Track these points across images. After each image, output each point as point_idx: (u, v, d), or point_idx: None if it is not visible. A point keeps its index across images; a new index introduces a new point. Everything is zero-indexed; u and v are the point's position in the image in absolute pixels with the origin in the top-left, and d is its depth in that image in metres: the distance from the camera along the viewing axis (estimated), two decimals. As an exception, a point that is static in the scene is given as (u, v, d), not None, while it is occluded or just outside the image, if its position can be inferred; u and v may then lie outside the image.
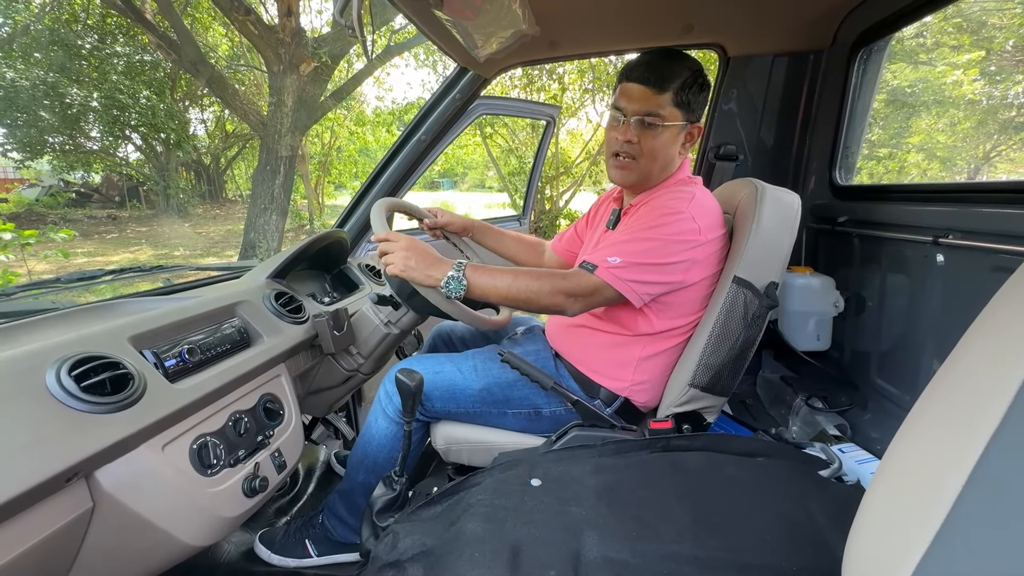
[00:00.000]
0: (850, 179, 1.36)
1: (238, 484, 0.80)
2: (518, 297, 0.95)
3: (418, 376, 0.98)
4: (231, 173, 16.16)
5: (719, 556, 0.74)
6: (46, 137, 11.01)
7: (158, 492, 0.69)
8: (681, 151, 1.05)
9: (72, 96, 10.11)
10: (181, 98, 12.49)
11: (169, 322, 0.83)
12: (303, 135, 7.52)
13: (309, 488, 1.56)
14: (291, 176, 6.63)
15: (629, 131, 1.00)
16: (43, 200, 13.34)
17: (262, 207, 6.20)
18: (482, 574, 0.70)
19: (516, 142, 9.09)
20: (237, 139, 14.33)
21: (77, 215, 12.62)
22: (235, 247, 9.73)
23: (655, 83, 0.98)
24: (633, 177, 1.05)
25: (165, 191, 12.93)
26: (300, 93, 6.18)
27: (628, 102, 1.00)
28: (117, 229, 11.67)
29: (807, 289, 1.30)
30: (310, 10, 10.28)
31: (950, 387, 0.48)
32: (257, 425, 0.88)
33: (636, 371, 1.10)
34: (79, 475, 0.62)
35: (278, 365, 1.01)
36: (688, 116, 1.01)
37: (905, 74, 5.38)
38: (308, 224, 11.65)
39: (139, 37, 10.38)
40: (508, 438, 1.14)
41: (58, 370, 0.64)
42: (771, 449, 1.08)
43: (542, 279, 0.95)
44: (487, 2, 1.04)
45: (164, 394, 0.73)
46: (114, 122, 10.87)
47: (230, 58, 11.36)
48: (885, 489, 0.51)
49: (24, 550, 0.57)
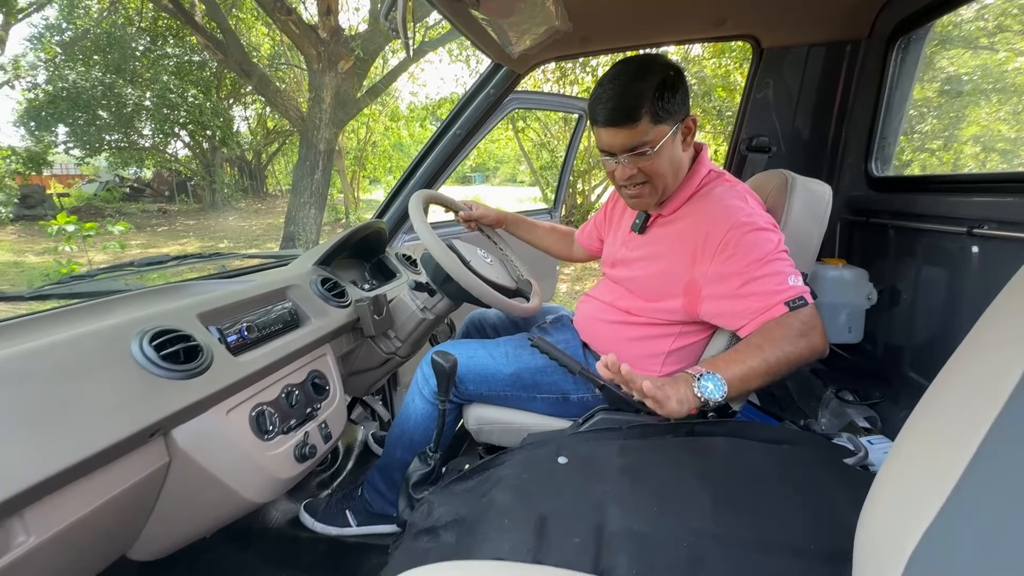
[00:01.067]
0: (886, 170, 1.34)
1: (290, 450, 0.88)
2: (772, 370, 0.86)
3: (452, 358, 1.04)
4: (272, 168, 16.74)
5: (739, 534, 0.77)
6: (104, 135, 11.66)
7: (224, 452, 0.78)
8: (685, 148, 1.03)
9: (127, 96, 10.66)
10: (226, 96, 13.02)
11: (231, 302, 0.91)
12: (340, 131, 7.74)
13: (348, 465, 1.65)
14: (329, 171, 6.84)
15: (626, 168, 0.99)
16: (101, 195, 14.16)
17: (302, 201, 6.43)
18: (511, 539, 0.76)
19: (548, 136, 9.08)
20: (277, 135, 14.82)
21: (131, 209, 13.34)
22: (275, 240, 10.10)
23: (624, 119, 0.94)
24: (653, 199, 1.05)
25: (211, 186, 13.54)
26: (338, 90, 6.37)
27: (611, 143, 0.98)
28: (167, 222, 12.27)
29: (839, 281, 1.29)
30: (347, 7, 10.51)
31: (961, 370, 0.50)
32: (306, 398, 0.96)
33: (665, 363, 1.12)
34: (159, 432, 0.71)
35: (324, 345, 1.08)
36: (673, 120, 0.97)
37: (964, 60, 5.09)
38: (344, 218, 11.96)
39: (188, 38, 10.87)
40: (537, 420, 1.19)
41: (141, 340, 0.72)
42: (796, 437, 1.09)
43: (779, 337, 0.86)
44: (522, 0, 1.08)
45: (228, 365, 0.81)
46: (165, 120, 11.43)
47: (272, 57, 11.75)
48: (897, 466, 0.54)
49: (113, 495, 0.66)
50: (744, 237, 0.92)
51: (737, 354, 0.86)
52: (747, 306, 0.91)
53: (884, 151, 1.33)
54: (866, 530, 0.54)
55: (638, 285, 1.11)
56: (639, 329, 1.11)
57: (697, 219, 1.01)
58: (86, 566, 0.72)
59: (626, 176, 1.00)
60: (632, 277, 1.13)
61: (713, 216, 0.98)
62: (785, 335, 0.86)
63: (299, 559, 1.21)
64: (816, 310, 0.88)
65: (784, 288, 0.88)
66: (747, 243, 0.92)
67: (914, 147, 5.95)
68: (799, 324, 0.86)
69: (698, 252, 0.99)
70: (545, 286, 2.73)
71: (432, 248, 1.12)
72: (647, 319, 1.10)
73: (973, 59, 4.34)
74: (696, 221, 1.01)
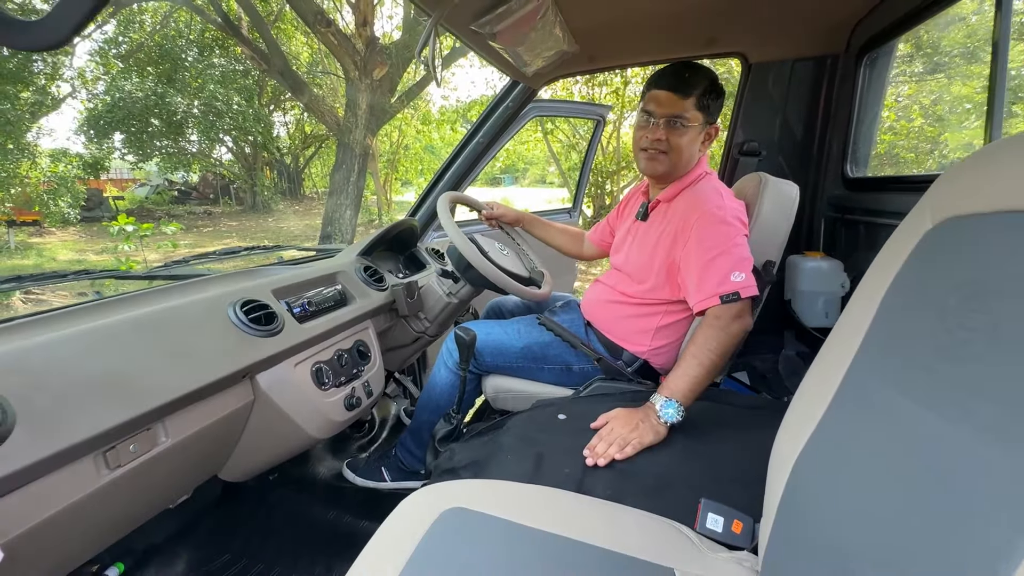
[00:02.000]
0: (860, 172, 1.47)
1: (341, 399, 1.10)
2: (714, 364, 1.04)
3: (472, 333, 1.25)
4: (308, 172, 17.39)
5: (698, 469, 0.95)
6: (155, 141, 12.38)
7: (292, 395, 1.00)
8: (701, 148, 1.22)
9: (176, 104, 11.30)
10: (267, 103, 13.64)
11: (295, 282, 1.14)
12: (375, 135, 8.09)
13: (383, 434, 1.88)
14: (364, 174, 7.19)
15: (659, 131, 1.19)
16: (151, 198, 15.02)
17: (339, 203, 6.80)
18: (513, 470, 0.95)
19: (576, 137, 9.22)
20: (314, 140, 15.41)
21: (179, 211, 14.10)
22: (312, 239, 10.54)
23: (681, 90, 1.16)
24: (662, 168, 1.23)
25: (252, 189, 14.20)
26: (373, 96, 6.70)
27: (657, 106, 1.18)
28: (212, 223, 12.95)
29: (817, 271, 1.43)
30: (382, 15, 10.90)
31: (840, 324, 0.67)
32: (353, 361, 1.18)
33: (654, 338, 1.30)
34: (248, 375, 0.93)
35: (366, 321, 1.31)
36: (708, 118, 1.19)
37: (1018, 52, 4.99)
38: (377, 219, 12.37)
39: (232, 49, 11.48)
40: (544, 389, 1.38)
41: (234, 307, 0.95)
42: (769, 404, 1.25)
43: (708, 337, 1.06)
44: (533, 30, 1.28)
45: (296, 330, 1.03)
46: (211, 127, 12.04)
47: (310, 64, 12.27)
48: (794, 404, 0.71)
49: (218, 418, 0.89)
50: (708, 226, 1.11)
51: (680, 369, 1.06)
52: (697, 289, 1.11)
53: (858, 154, 1.46)
54: (775, 450, 0.71)
55: (633, 268, 1.29)
56: (632, 308, 1.30)
57: (684, 207, 1.20)
58: (193, 475, 0.96)
59: (655, 137, 1.19)
60: (629, 261, 1.32)
61: (695, 203, 1.17)
62: (716, 324, 1.07)
63: (342, 502, 1.44)
64: (748, 299, 1.07)
65: (725, 283, 1.07)
66: (709, 231, 1.11)
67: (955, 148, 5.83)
68: (730, 314, 1.07)
69: (679, 233, 1.17)
70: (565, 281, 2.91)
71: (457, 241, 1.32)
72: (639, 300, 1.28)
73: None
74: (684, 207, 1.20)
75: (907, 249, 0.58)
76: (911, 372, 0.50)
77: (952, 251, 0.51)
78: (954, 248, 0.51)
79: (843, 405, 0.61)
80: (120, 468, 0.72)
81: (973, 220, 0.50)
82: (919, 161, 5.25)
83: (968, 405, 0.42)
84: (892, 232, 0.63)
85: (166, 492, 0.93)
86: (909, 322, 0.54)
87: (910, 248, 0.57)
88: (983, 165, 0.52)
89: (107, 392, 0.70)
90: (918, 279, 0.55)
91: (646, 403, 1.05)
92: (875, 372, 0.56)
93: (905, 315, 0.55)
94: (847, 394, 0.61)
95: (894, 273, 0.59)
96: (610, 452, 0.96)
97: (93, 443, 0.67)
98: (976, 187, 0.51)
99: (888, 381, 0.53)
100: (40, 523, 0.63)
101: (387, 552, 0.70)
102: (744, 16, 1.36)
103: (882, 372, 0.55)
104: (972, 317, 0.45)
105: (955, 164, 0.56)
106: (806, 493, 0.62)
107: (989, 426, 0.39)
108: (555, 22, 1.25)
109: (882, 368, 0.55)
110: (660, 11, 1.34)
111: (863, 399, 0.58)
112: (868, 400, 0.56)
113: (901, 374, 0.52)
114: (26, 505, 0.62)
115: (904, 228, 0.61)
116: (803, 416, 0.67)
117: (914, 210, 0.60)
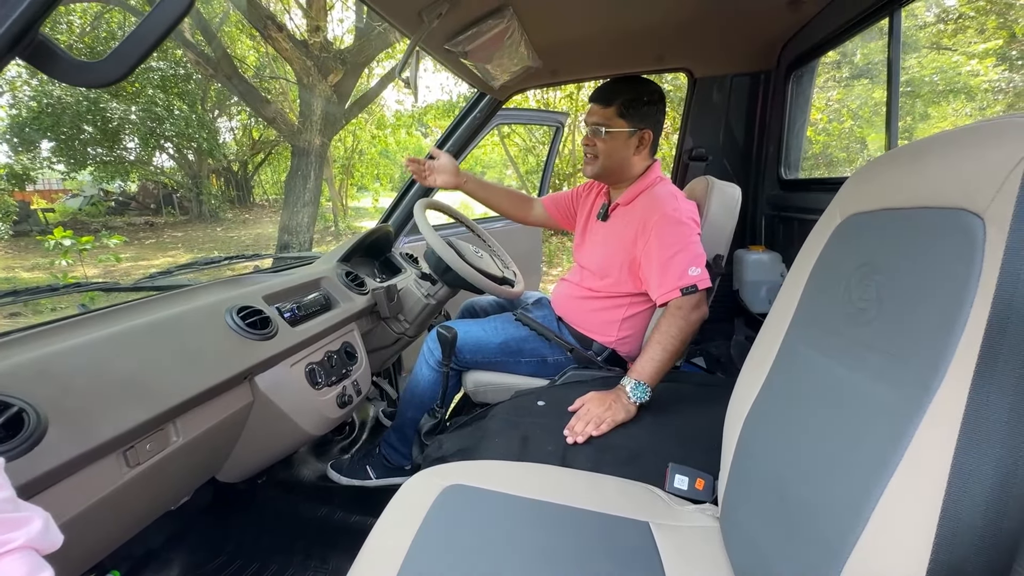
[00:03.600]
0: (792, 174, 1.67)
1: (334, 397, 1.16)
2: (676, 349, 1.17)
3: (454, 330, 1.34)
4: (258, 178, 16.81)
5: (665, 439, 1.08)
6: (88, 150, 11.66)
7: (290, 395, 1.06)
8: (637, 152, 1.34)
9: (112, 110, 10.70)
10: (211, 108, 13.11)
11: (284, 288, 1.19)
12: (330, 141, 7.97)
13: (364, 436, 1.93)
14: (320, 180, 7.08)
15: (587, 138, 1.35)
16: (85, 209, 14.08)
17: (294, 210, 6.67)
18: (501, 451, 1.05)
19: (533, 141, 9.39)
20: (264, 145, 14.92)
21: (117, 222, 13.28)
22: (266, 249, 10.23)
23: (603, 101, 1.31)
24: (592, 170, 1.38)
25: (198, 197, 13.58)
26: (327, 102, 6.62)
27: (588, 116, 1.35)
28: (154, 235, 12.29)
29: (759, 263, 1.62)
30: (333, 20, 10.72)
31: (776, 305, 0.81)
32: (342, 361, 1.24)
33: (620, 328, 1.42)
34: (248, 377, 0.99)
35: (351, 323, 1.37)
36: (635, 124, 1.31)
37: (928, 60, 5.53)
38: (333, 226, 12.12)
39: (173, 52, 10.98)
40: (523, 380, 1.48)
41: (231, 312, 1.00)
42: (723, 382, 1.40)
43: (671, 325, 1.18)
44: (500, 48, 1.38)
45: (289, 333, 1.09)
46: (150, 133, 11.45)
47: (258, 68, 11.90)
48: (744, 369, 0.85)
49: (223, 419, 0.94)
50: (667, 227, 1.24)
51: (646, 355, 1.18)
52: (659, 283, 1.24)
53: (790, 159, 1.66)
54: (728, 415, 0.84)
55: (597, 265, 1.42)
56: (599, 302, 1.42)
57: (643, 209, 1.33)
58: (196, 475, 1.00)
59: (585, 143, 1.36)
60: (593, 259, 1.44)
61: (652, 206, 1.30)
62: (678, 314, 1.20)
63: (331, 500, 1.49)
64: (704, 290, 1.21)
65: (684, 277, 1.20)
66: (668, 232, 1.24)
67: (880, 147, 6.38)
68: (690, 304, 1.20)
69: (639, 234, 1.30)
70: (531, 281, 3.04)
71: (436, 245, 1.40)
72: (605, 293, 1.40)
73: (939, 59, 4.90)
74: (641, 210, 1.32)
75: (822, 241, 0.72)
76: (826, 336, 0.64)
77: (853, 240, 0.65)
78: (855, 237, 0.65)
79: (778, 370, 0.75)
80: (139, 466, 0.77)
81: (867, 216, 0.64)
82: (850, 159, 5.72)
83: (864, 357, 0.55)
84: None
85: (173, 492, 0.96)
86: (824, 298, 0.67)
87: (824, 240, 0.72)
88: (875, 173, 0.66)
89: (127, 394, 0.74)
90: (830, 264, 0.69)
91: (617, 386, 1.17)
92: (800, 339, 0.70)
93: (821, 294, 0.69)
94: (781, 361, 0.74)
95: (813, 261, 0.73)
96: (587, 430, 1.07)
97: (116, 442, 0.72)
98: (868, 190, 0.66)
99: (810, 345, 0.67)
100: (70, 519, 0.68)
101: (396, 529, 0.78)
102: (689, 35, 1.52)
103: (806, 339, 0.69)
104: (866, 290, 0.58)
105: (856, 172, 0.71)
106: (752, 444, 0.75)
107: (878, 371, 0.53)
108: (521, 41, 1.36)
109: (805, 336, 0.69)
110: (614, 30, 1.47)
111: (793, 362, 0.71)
112: (796, 362, 0.70)
113: (819, 339, 0.65)
114: (59, 501, 0.66)
115: (821, 223, 0.75)
116: (748, 383, 0.81)
117: (828, 208, 0.74)
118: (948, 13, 5.22)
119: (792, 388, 0.69)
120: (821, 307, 0.68)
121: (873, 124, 5.46)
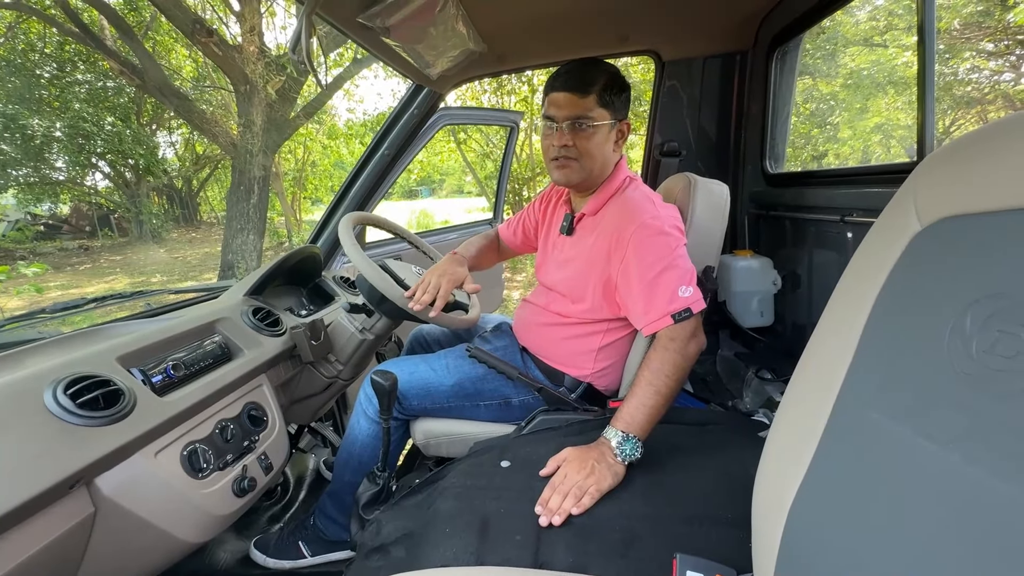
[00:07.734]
0: (779, 167, 1.48)
1: (228, 485, 0.87)
2: (671, 390, 0.95)
3: (392, 376, 1.06)
4: (205, 195, 15.96)
5: (667, 512, 0.83)
6: (9, 171, 10.75)
7: (154, 495, 0.76)
8: (615, 148, 1.12)
9: (34, 127, 9.91)
10: (148, 122, 12.33)
11: (153, 342, 0.89)
12: (275, 153, 7.51)
13: (300, 495, 1.62)
14: (265, 195, 6.63)
15: (564, 136, 1.06)
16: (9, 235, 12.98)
17: (238, 228, 6.19)
18: (455, 544, 0.79)
19: (490, 146, 9.19)
20: (208, 160, 14.17)
21: (47, 248, 12.32)
22: (213, 269, 9.63)
23: (579, 88, 1.05)
24: (576, 176, 1.11)
25: (137, 217, 12.74)
26: (269, 111, 6.19)
27: (558, 110, 1.06)
28: (90, 260, 11.43)
29: (748, 271, 1.41)
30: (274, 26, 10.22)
31: (816, 345, 0.58)
32: (243, 431, 0.95)
33: (597, 359, 1.18)
34: (80, 482, 0.69)
35: (259, 375, 1.07)
36: (614, 115, 1.08)
37: (864, 56, 5.67)
38: (287, 241, 11.58)
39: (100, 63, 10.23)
40: (483, 428, 1.22)
41: (54, 390, 0.70)
42: (720, 418, 1.18)
43: (664, 361, 0.95)
44: (432, 26, 1.13)
45: (153, 406, 0.79)
46: (79, 151, 10.67)
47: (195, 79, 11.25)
48: (776, 435, 0.61)
49: (33, 552, 0.64)
50: (646, 239, 1.01)
51: (635, 399, 0.94)
52: (645, 310, 1.00)
53: (775, 150, 1.47)
54: (759, 493, 0.61)
55: (567, 287, 1.17)
56: (570, 329, 1.18)
57: (614, 219, 1.09)
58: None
59: (562, 143, 1.07)
60: (561, 280, 1.20)
61: (625, 215, 1.06)
62: (671, 347, 0.96)
63: (252, 597, 1.18)
64: (699, 315, 0.99)
65: (674, 300, 0.97)
66: (648, 245, 1.01)
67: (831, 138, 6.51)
68: (685, 334, 0.97)
69: (613, 249, 1.06)
70: (493, 295, 2.78)
71: (364, 270, 1.13)
72: (577, 319, 1.16)
73: (871, 54, 4.95)
74: (613, 221, 1.09)
75: (891, 258, 0.49)
76: (926, 410, 0.41)
77: (952, 258, 0.43)
78: (956, 254, 0.43)
79: (838, 439, 0.51)
80: None
81: (976, 221, 0.41)
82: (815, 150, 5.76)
83: (1013, 449, 0.32)
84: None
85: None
86: (911, 347, 0.45)
87: (895, 256, 0.49)
88: (978, 154, 0.44)
89: None
90: (912, 292, 0.46)
91: (599, 439, 0.93)
92: (873, 405, 0.47)
93: (903, 339, 0.46)
94: (839, 429, 0.51)
95: (877, 288, 0.50)
96: (565, 507, 0.82)
97: None
98: (968, 182, 0.43)
99: (895, 417, 0.43)
100: None
101: None
102: (654, 12, 1.31)
103: (883, 406, 0.45)
104: (996, 340, 0.35)
105: (937, 153, 0.48)
106: (814, 545, 0.51)
107: None
108: (457, 16, 1.11)
109: (882, 402, 0.46)
110: (571, 8, 1.25)
111: (861, 433, 0.48)
112: (871, 435, 0.46)
113: (913, 411, 0.42)
114: None
115: (879, 233, 0.53)
116: (791, 452, 0.57)
117: (890, 210, 0.51)
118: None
119: (874, 473, 0.45)
120: (907, 360, 0.45)
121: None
